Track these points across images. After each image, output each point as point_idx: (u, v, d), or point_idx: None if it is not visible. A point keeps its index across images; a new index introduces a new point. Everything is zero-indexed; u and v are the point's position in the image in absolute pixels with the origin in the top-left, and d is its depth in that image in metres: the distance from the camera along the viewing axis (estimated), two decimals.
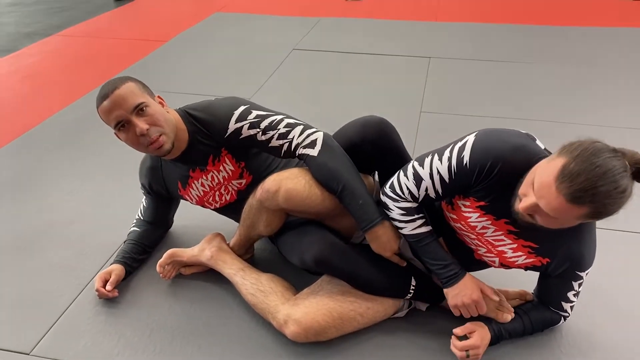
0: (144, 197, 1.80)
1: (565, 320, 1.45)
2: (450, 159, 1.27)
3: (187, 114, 1.53)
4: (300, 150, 1.45)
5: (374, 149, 1.45)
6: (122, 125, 1.43)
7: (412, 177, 1.33)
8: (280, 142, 1.47)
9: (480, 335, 1.37)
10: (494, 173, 1.22)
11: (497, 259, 1.39)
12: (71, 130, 2.72)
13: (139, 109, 1.42)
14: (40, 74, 3.49)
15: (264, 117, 1.48)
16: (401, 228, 1.38)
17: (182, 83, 3.20)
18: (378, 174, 1.55)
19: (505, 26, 4.15)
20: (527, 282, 1.52)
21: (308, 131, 1.47)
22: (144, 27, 4.41)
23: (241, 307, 1.60)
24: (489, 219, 1.30)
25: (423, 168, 1.31)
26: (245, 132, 1.47)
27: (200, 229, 1.87)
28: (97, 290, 1.62)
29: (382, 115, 1.51)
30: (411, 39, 3.91)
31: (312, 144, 1.44)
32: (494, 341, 1.40)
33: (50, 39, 4.20)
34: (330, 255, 1.42)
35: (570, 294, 1.38)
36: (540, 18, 4.33)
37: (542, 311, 1.44)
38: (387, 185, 1.40)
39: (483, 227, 1.33)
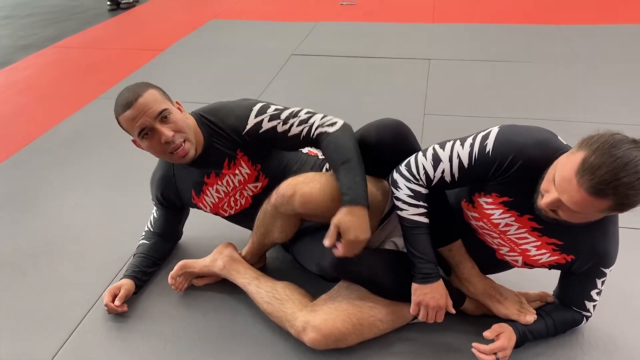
0: (155, 208, 1.77)
1: (587, 320, 1.43)
2: (472, 145, 1.27)
3: (202, 117, 1.52)
4: (319, 130, 1.44)
5: (391, 152, 1.43)
6: (146, 133, 1.41)
7: (431, 157, 1.32)
8: (301, 127, 1.46)
9: (507, 336, 1.35)
10: (514, 168, 1.21)
11: (520, 258, 1.37)
12: (72, 143, 2.68)
13: (163, 116, 1.41)
14: (37, 87, 3.46)
15: (283, 109, 1.49)
16: (402, 210, 1.37)
17: (183, 91, 3.17)
18: None
19: (502, 26, 4.16)
20: (546, 283, 1.50)
21: (329, 117, 1.48)
22: (140, 36, 4.39)
23: (256, 316, 1.58)
24: (513, 215, 1.29)
25: (443, 150, 1.31)
26: (266, 125, 1.47)
27: (211, 239, 1.84)
28: (105, 306, 1.59)
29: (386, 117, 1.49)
30: (409, 42, 3.91)
31: (331, 125, 1.45)
32: (519, 343, 1.38)
33: (46, 50, 4.17)
34: (349, 261, 1.39)
35: (593, 293, 1.36)
36: (536, 17, 4.34)
37: (565, 312, 1.42)
38: (403, 164, 1.38)
39: (506, 225, 1.31)
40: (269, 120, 1.47)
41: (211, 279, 1.71)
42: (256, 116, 1.48)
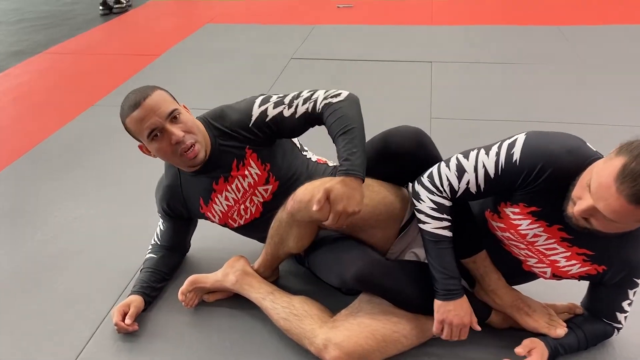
0: (161, 220, 1.70)
1: (618, 332, 1.38)
2: (498, 154, 1.22)
3: (207, 120, 1.50)
4: (323, 103, 1.41)
5: (412, 160, 1.39)
6: (156, 135, 1.36)
7: (455, 168, 1.27)
8: (306, 105, 1.44)
9: (540, 352, 1.30)
10: (543, 177, 1.16)
11: (549, 270, 1.32)
12: (70, 152, 2.60)
13: (173, 116, 1.37)
14: (31, 94, 3.37)
15: (284, 96, 1.48)
16: (424, 223, 1.32)
17: (182, 96, 3.09)
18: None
19: (500, 27, 4.13)
20: (571, 294, 1.45)
21: (332, 90, 1.45)
22: (134, 42, 4.31)
23: (273, 333, 1.51)
24: (541, 226, 1.24)
25: (468, 160, 1.26)
26: (272, 112, 1.45)
27: (219, 251, 1.78)
28: (115, 325, 1.52)
29: (394, 122, 1.46)
30: (409, 44, 3.86)
31: (336, 96, 1.42)
32: (551, 358, 1.32)
33: (38, 57, 4.07)
34: (373, 273, 1.34)
35: (625, 304, 1.31)
36: (534, 19, 4.32)
37: (595, 324, 1.37)
38: (426, 175, 1.33)
39: (534, 235, 1.26)
40: (274, 107, 1.45)
41: (222, 294, 1.64)
42: (260, 106, 1.46)
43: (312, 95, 1.45)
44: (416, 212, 1.35)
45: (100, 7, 5.19)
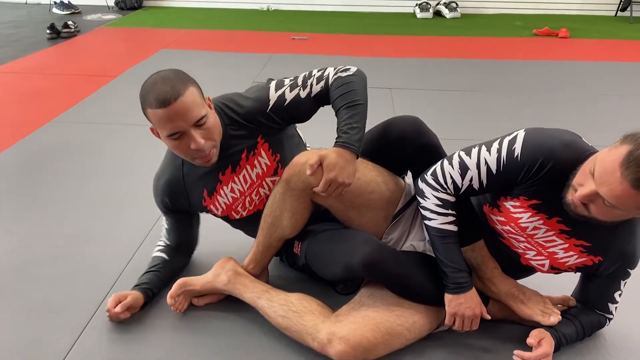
0: (164, 218, 1.64)
1: (609, 322, 1.44)
2: (499, 150, 1.26)
3: (222, 106, 1.45)
4: (334, 77, 1.42)
5: (413, 147, 1.42)
6: (177, 136, 1.30)
7: (458, 165, 1.31)
8: (321, 84, 1.44)
9: (549, 342, 1.33)
10: (544, 171, 1.21)
11: (547, 262, 1.36)
12: (26, 169, 2.45)
13: (200, 123, 1.30)
14: None
15: (296, 77, 1.47)
16: (430, 219, 1.34)
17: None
18: (414, 175, 1.49)
19: (451, 60, 4.36)
20: (561, 288, 1.51)
21: (342, 65, 1.47)
22: (86, 64, 4.18)
23: (271, 334, 1.46)
24: (541, 218, 1.28)
25: (470, 157, 1.30)
26: (289, 96, 1.43)
27: (209, 254, 1.72)
28: (108, 311, 1.46)
29: None
30: (365, 72, 3.97)
31: (346, 70, 1.44)
32: (556, 348, 1.35)
33: None
34: (382, 258, 1.34)
35: (616, 294, 1.37)
36: (479, 53, 4.61)
37: (589, 314, 1.42)
38: (429, 173, 1.36)
39: (534, 228, 1.30)
40: (291, 90, 1.43)
41: (213, 297, 1.58)
42: (276, 90, 1.44)
43: (323, 73, 1.45)
44: (421, 210, 1.38)
45: (48, 31, 5.02)
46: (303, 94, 1.44)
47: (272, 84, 1.46)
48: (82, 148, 2.63)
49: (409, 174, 1.54)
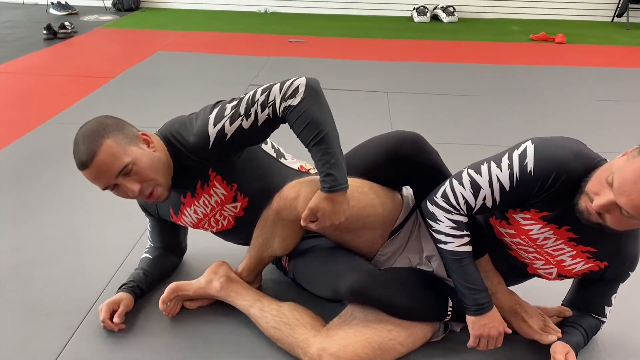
0: (147, 219, 1.64)
1: (602, 325, 1.43)
2: (510, 166, 1.22)
3: (168, 138, 1.41)
4: (283, 105, 1.28)
5: (413, 165, 1.37)
6: (111, 189, 1.31)
7: (469, 185, 1.26)
8: (266, 111, 1.29)
9: (573, 355, 1.31)
10: (558, 183, 1.18)
11: (555, 270, 1.35)
12: (23, 169, 2.44)
13: (125, 173, 1.29)
14: None
15: (239, 103, 1.32)
16: (445, 243, 1.30)
17: (140, 117, 3.01)
18: (414, 191, 1.45)
19: (445, 64, 4.36)
20: (554, 292, 1.50)
21: (288, 82, 1.30)
22: (83, 65, 4.17)
23: (263, 338, 1.45)
24: (552, 229, 1.27)
25: (481, 176, 1.26)
26: (230, 130, 1.31)
27: (203, 256, 1.72)
28: (102, 322, 1.44)
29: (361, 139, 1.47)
30: (362, 75, 3.99)
31: (294, 93, 1.28)
32: None
33: None
34: (369, 285, 1.33)
35: (613, 298, 1.38)
36: (472, 58, 4.62)
37: (587, 319, 1.41)
38: (438, 195, 1.31)
39: (545, 239, 1.29)
40: (231, 124, 1.31)
41: (205, 301, 1.57)
42: (215, 125, 1.32)
43: (268, 96, 1.30)
44: (434, 234, 1.33)
45: (44, 32, 5.01)
46: (246, 124, 1.31)
47: (212, 117, 1.33)
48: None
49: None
